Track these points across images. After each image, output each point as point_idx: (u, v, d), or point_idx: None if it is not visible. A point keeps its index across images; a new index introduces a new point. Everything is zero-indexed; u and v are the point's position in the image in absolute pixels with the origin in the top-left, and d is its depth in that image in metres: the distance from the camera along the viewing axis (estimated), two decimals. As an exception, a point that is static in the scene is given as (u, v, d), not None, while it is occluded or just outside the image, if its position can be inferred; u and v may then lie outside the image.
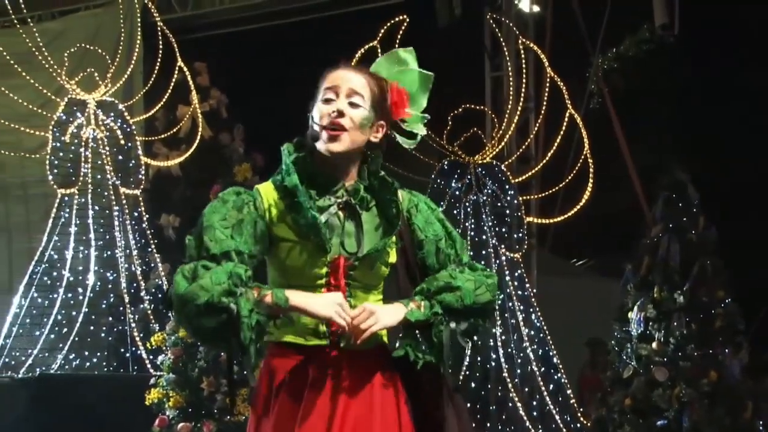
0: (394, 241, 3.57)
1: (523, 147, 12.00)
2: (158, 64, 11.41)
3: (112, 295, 10.48)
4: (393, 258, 3.58)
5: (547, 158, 11.57)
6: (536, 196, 11.96)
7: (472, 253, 10.53)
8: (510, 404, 10.29)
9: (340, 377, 3.46)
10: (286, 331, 3.47)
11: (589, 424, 9.99)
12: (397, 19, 11.02)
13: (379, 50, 10.93)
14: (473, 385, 10.23)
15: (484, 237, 10.79)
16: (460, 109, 11.08)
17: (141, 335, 10.16)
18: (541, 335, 10.71)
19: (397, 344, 3.59)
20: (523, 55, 12.04)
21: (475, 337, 3.67)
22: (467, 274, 3.59)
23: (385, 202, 3.58)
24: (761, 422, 9.16)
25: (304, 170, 3.51)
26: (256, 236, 3.46)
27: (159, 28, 11.50)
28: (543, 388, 10.45)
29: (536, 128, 12.01)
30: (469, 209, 10.87)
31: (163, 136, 11.63)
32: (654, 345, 9.15)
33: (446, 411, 3.58)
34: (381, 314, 3.41)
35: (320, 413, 3.41)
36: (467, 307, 3.55)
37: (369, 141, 3.57)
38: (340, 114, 3.48)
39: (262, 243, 3.48)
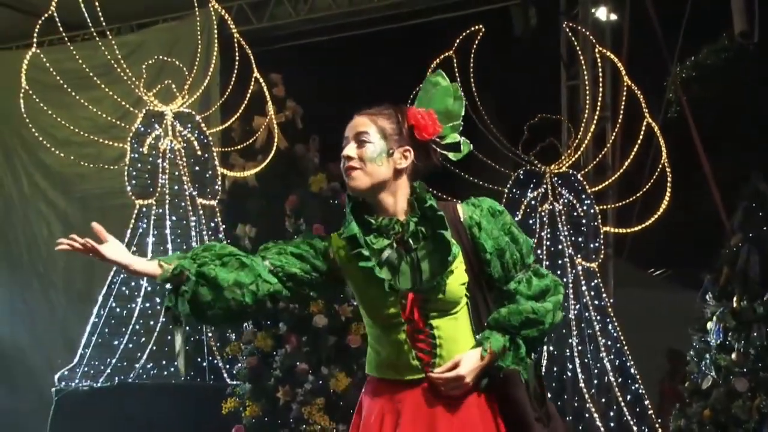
0: (455, 267, 3.67)
1: (600, 156, 11.91)
2: (235, 75, 11.49)
3: (189, 304, 10.55)
4: (463, 278, 3.70)
5: (624, 167, 11.47)
6: (613, 206, 11.85)
7: (548, 263, 10.48)
8: (587, 415, 10.21)
9: (435, 406, 3.64)
10: (384, 368, 3.74)
11: (667, 436, 9.88)
12: (472, 29, 11.00)
13: (455, 60, 10.93)
14: (549, 395, 10.17)
15: (560, 246, 10.73)
16: (536, 119, 11.04)
17: (217, 344, 10.22)
18: (618, 345, 10.62)
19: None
20: (599, 64, 11.96)
21: (552, 347, 3.76)
22: (544, 290, 3.75)
23: (432, 230, 3.71)
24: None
25: (360, 216, 3.72)
26: (302, 266, 3.77)
27: (236, 40, 11.58)
28: (620, 399, 10.35)
29: (613, 137, 11.92)
30: (545, 219, 10.81)
31: (239, 147, 11.69)
32: (733, 355, 9.03)
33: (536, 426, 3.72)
34: (467, 374, 3.62)
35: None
36: (545, 333, 3.77)
37: (397, 169, 3.75)
38: (348, 158, 3.71)
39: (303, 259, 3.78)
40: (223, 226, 11.10)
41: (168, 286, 3.67)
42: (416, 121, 3.77)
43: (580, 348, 10.39)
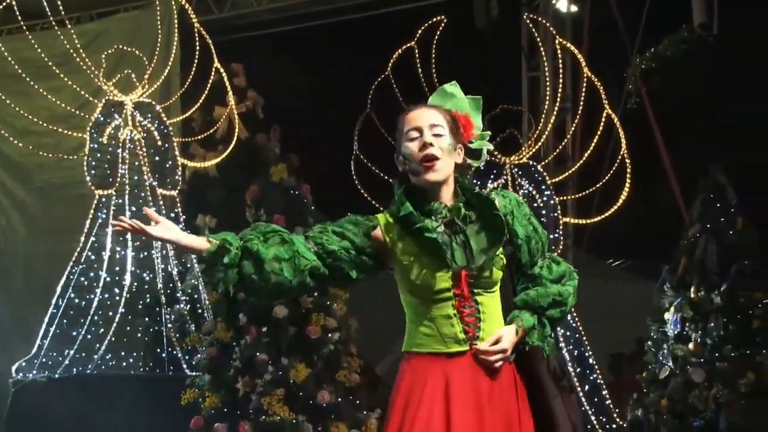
0: (503, 248, 3.98)
1: (560, 147, 11.95)
2: (195, 65, 11.44)
3: (148, 295, 10.52)
4: (502, 260, 3.99)
5: (584, 158, 11.52)
6: (573, 197, 11.90)
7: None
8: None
9: (478, 376, 3.90)
10: (430, 342, 3.93)
11: (624, 425, 9.94)
12: (434, 20, 11.01)
13: (416, 51, 10.94)
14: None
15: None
16: (497, 110, 11.06)
17: (177, 335, 10.19)
18: (577, 336, 10.66)
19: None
20: (560, 56, 12.00)
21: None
22: (562, 275, 4.12)
23: (487, 215, 3.97)
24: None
25: (411, 199, 3.97)
26: (352, 235, 3.94)
27: (196, 30, 11.53)
28: (579, 389, 10.39)
29: (573, 128, 11.97)
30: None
31: (199, 137, 11.64)
32: (691, 346, 9.10)
33: (555, 402, 4.01)
34: (509, 347, 3.93)
35: (468, 408, 3.84)
36: (566, 314, 4.19)
37: (456, 163, 4.02)
38: (430, 145, 3.93)
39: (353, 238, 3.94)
40: (184, 217, 11.05)
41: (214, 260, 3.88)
42: (466, 123, 4.09)
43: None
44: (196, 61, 11.48)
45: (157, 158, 11.05)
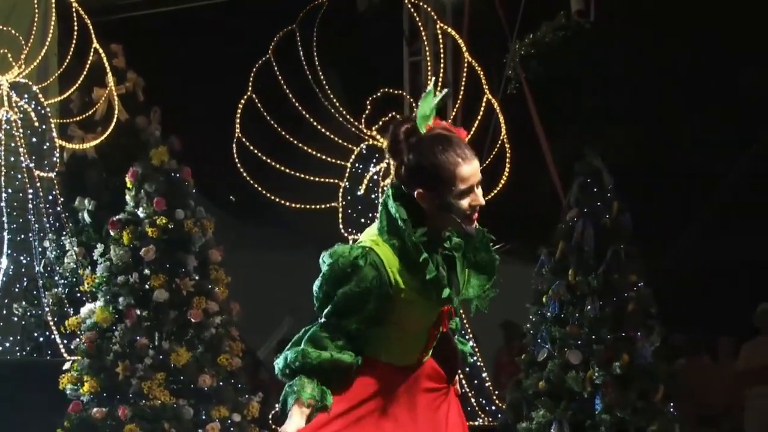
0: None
1: (441, 132, 12.04)
2: (74, 45, 11.27)
3: (26, 279, 10.36)
4: None
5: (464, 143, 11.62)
6: (453, 181, 11.99)
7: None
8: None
9: (421, 380, 4.03)
10: (396, 356, 3.97)
11: (504, 407, 10.08)
12: (316, 2, 11.01)
13: (297, 34, 10.93)
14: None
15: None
16: (379, 93, 11.11)
17: (55, 319, 10.06)
18: (457, 318, 10.76)
19: None
20: (441, 41, 12.08)
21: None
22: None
23: (472, 246, 3.97)
24: (672, 404, 9.32)
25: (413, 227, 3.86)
26: (371, 315, 3.85)
27: (74, 9, 11.35)
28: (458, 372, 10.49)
29: (454, 113, 12.07)
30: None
31: (78, 118, 11.49)
32: (568, 328, 9.26)
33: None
34: None
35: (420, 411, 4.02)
36: None
37: None
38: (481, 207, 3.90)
39: (375, 319, 3.88)
40: (62, 199, 10.90)
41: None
42: None
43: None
44: (74, 41, 11.31)
45: (34, 140, 10.86)
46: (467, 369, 10.66)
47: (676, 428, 9.22)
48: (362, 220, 10.73)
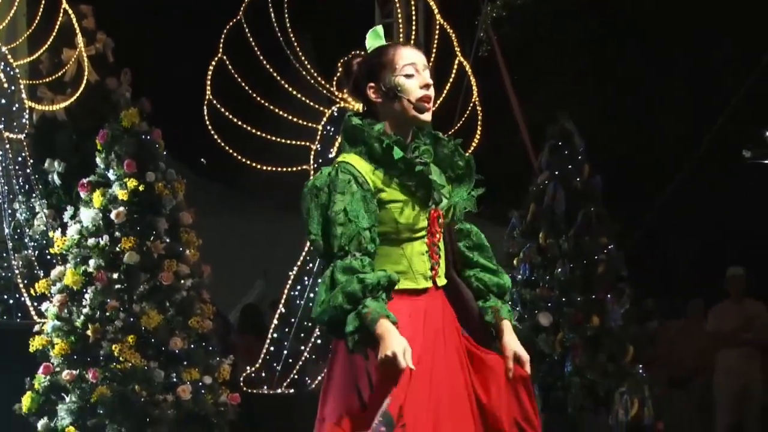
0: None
1: (413, 94, 12.01)
2: (42, 5, 11.17)
3: (-6, 241, 10.32)
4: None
5: (435, 106, 11.61)
6: (425, 144, 11.99)
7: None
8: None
9: (443, 309, 4.00)
10: (402, 280, 3.89)
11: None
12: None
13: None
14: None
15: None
16: (350, 56, 11.05)
17: (25, 282, 10.02)
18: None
19: None
20: (413, 3, 12.04)
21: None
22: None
23: (444, 156, 4.13)
24: (641, 366, 9.39)
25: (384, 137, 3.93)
26: (371, 211, 3.84)
27: (43, -31, 11.26)
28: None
29: (425, 75, 12.03)
30: (358, 156, 10.87)
31: (47, 79, 11.41)
32: (538, 290, 9.31)
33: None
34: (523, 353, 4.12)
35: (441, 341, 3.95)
36: None
37: None
38: (432, 87, 4.00)
39: (376, 214, 3.86)
40: (31, 161, 10.83)
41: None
42: None
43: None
44: (43, 1, 11.21)
45: (2, 101, 10.78)
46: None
47: (645, 390, 9.29)
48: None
